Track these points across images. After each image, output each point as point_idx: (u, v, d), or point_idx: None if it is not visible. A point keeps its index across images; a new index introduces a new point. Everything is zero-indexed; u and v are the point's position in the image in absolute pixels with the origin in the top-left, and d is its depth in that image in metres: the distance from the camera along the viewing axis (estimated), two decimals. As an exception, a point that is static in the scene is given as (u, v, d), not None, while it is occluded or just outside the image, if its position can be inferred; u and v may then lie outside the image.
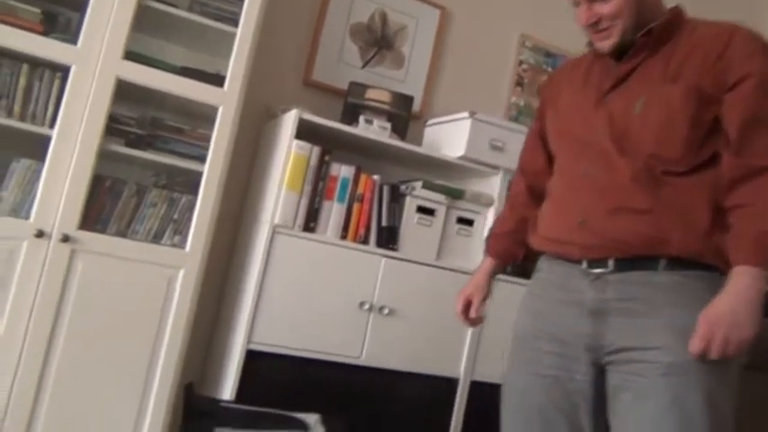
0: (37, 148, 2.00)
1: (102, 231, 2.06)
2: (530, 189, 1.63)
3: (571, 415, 1.37)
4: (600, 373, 1.35)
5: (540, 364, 1.42)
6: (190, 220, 2.13)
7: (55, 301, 1.96)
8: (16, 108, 1.98)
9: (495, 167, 2.52)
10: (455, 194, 2.49)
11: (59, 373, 1.97)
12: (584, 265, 1.36)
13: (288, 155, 2.23)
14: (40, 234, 1.94)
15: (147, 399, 2.05)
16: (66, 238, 1.96)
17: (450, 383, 2.46)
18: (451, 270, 2.46)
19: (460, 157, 2.47)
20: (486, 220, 2.54)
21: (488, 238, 1.71)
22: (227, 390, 2.14)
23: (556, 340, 1.40)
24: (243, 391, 2.12)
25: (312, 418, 1.82)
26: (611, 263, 1.32)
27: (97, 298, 2.01)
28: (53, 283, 1.96)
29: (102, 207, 2.08)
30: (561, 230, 1.40)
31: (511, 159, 2.51)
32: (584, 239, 1.35)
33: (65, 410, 1.97)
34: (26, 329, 1.93)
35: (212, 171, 2.13)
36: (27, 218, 1.95)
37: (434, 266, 2.44)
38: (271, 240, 2.19)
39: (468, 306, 1.65)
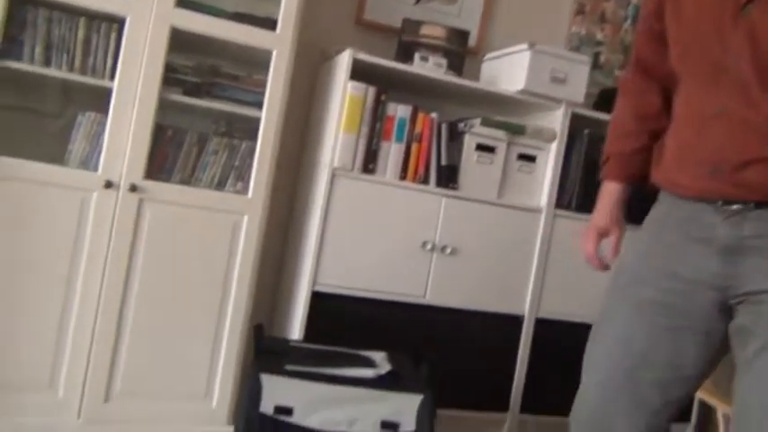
0: (100, 100, 2.04)
1: (167, 180, 2.10)
2: (663, 94, 1.31)
3: (676, 359, 1.21)
4: (723, 315, 1.20)
5: (653, 306, 1.22)
6: (250, 166, 2.15)
7: (127, 248, 2.03)
8: (77, 62, 2.01)
9: (557, 101, 2.43)
10: (515, 130, 2.42)
11: (137, 317, 2.05)
12: (720, 203, 1.16)
13: (343, 96, 2.20)
14: (108, 185, 1.99)
15: (219, 338, 2.12)
16: (133, 188, 2.01)
17: (515, 321, 2.45)
18: (513, 208, 2.42)
19: (520, 92, 2.39)
20: (549, 156, 2.47)
21: (610, 159, 1.39)
22: (296, 330, 2.19)
23: (676, 278, 1.22)
24: (310, 332, 2.17)
25: (379, 356, 1.85)
26: (750, 204, 1.13)
27: (166, 245, 2.06)
28: (124, 232, 2.02)
29: (166, 156, 2.11)
30: (687, 177, 1.20)
31: (573, 91, 2.41)
32: (716, 188, 1.15)
33: (144, 351, 2.06)
34: (102, 276, 2.01)
35: (269, 116, 2.13)
36: (95, 170, 2.00)
37: (496, 204, 2.40)
38: (331, 183, 2.19)
39: (595, 245, 1.36)
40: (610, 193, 1.39)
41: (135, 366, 2.06)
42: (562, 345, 2.51)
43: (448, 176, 2.34)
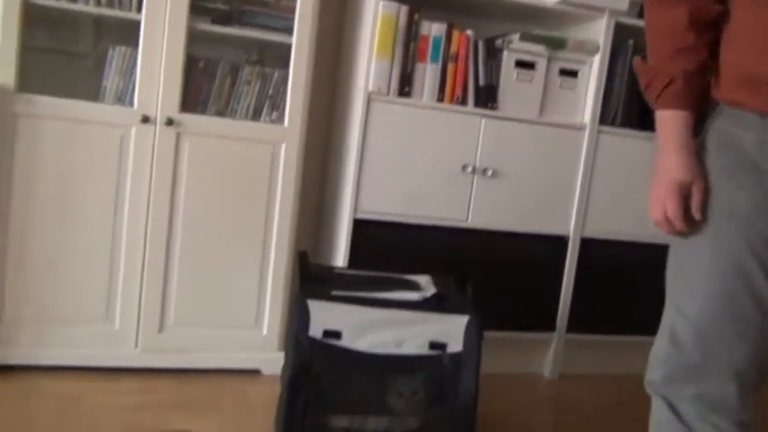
0: (129, 34, 2.01)
1: (203, 112, 2.08)
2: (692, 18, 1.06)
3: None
4: None
5: (753, 247, 1.02)
6: (285, 94, 2.11)
7: (169, 182, 2.04)
8: (104, -5, 1.97)
9: (599, 9, 2.31)
10: (556, 44, 2.32)
11: (183, 249, 2.08)
12: None
13: (375, 17, 2.12)
14: (145, 120, 1.98)
15: (265, 267, 2.15)
16: (170, 122, 2.00)
17: (560, 242, 2.42)
18: (555, 126, 2.34)
19: (559, 2, 2.27)
20: (592, 70, 2.36)
21: (676, 80, 1.07)
22: (340, 258, 2.20)
23: None
24: (354, 259, 2.18)
25: (423, 279, 1.84)
26: None
27: (206, 177, 2.07)
28: (164, 166, 2.03)
29: (200, 88, 2.09)
30: None
31: (617, -2, 2.29)
32: None
33: (193, 282, 2.10)
34: (147, 211, 2.04)
35: (300, 42, 2.07)
36: (131, 105, 2.00)
37: (537, 123, 2.32)
38: (367, 108, 2.15)
39: (680, 204, 1.06)
40: (683, 128, 1.06)
41: (185, 297, 2.10)
42: (608, 264, 2.48)
43: (486, 96, 2.27)
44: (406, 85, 2.18)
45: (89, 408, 1.85)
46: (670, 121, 1.07)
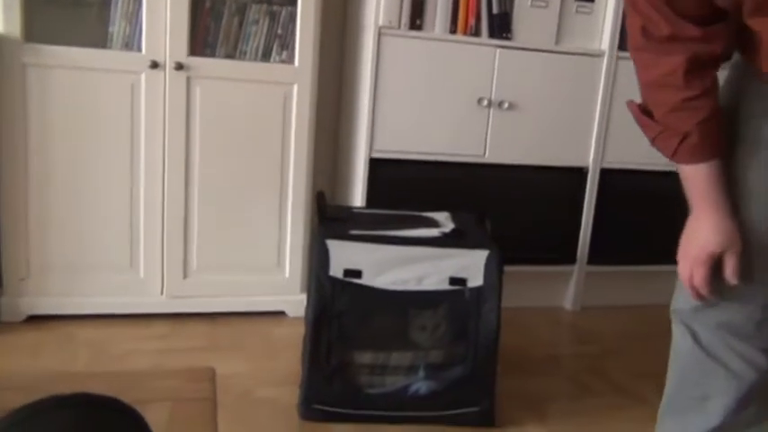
0: (133, -23, 1.96)
1: (212, 55, 2.04)
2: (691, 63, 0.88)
3: None
4: None
5: None
6: (294, 33, 2.06)
7: (182, 127, 2.02)
8: (104, -62, 1.91)
9: (618, -72, 2.20)
10: (572, -33, 2.22)
11: (201, 195, 2.08)
12: None
13: (384, -53, 2.04)
14: (154, 65, 1.95)
15: (284, 210, 2.15)
16: (179, 66, 1.96)
17: (579, 173, 2.38)
18: (572, 54, 2.27)
19: None
20: (610, -7, 2.27)
21: (696, 131, 0.90)
22: (357, 198, 2.19)
23: None
24: (371, 199, 2.16)
25: (442, 216, 1.83)
26: None
27: (220, 121, 2.04)
28: (177, 111, 2.00)
29: (207, 30, 2.04)
30: None
31: None
32: None
33: (213, 228, 2.11)
34: (163, 158, 2.03)
35: (308, -23, 2.01)
36: (139, 50, 1.96)
37: (553, 52, 2.25)
38: (378, 44, 2.09)
39: (709, 274, 0.93)
40: (711, 183, 0.91)
41: (207, 243, 2.11)
42: (628, 194, 2.44)
43: (500, 25, 2.19)
44: (417, 18, 2.11)
45: (121, 353, 1.89)
46: (695, 176, 0.92)
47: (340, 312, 1.59)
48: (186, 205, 2.08)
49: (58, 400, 0.46)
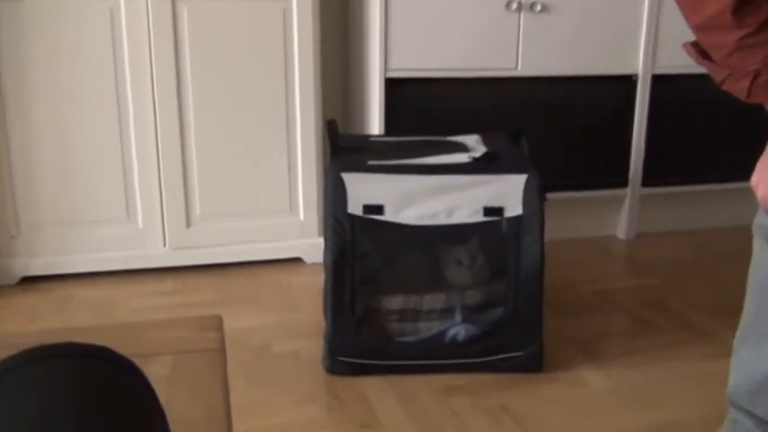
0: None
1: (198, -28, 1.98)
2: None
3: None
4: None
5: None
6: (290, -61, 1.99)
7: (171, 53, 1.98)
8: None
9: None
10: None
11: (199, 133, 2.06)
12: None
13: None
14: (134, -13, 1.90)
15: (293, 144, 2.13)
16: (162, -13, 1.92)
17: (627, 82, 2.32)
18: (616, -59, 2.17)
19: None
20: None
21: (757, 77, 0.89)
22: (374, 125, 2.15)
23: None
24: (390, 125, 2.13)
25: (471, 139, 1.79)
26: None
27: (212, 46, 2.00)
28: (163, 38, 1.96)
29: (191, -57, 1.98)
30: None
31: None
32: None
33: (215, 170, 2.10)
34: (153, 94, 2.00)
35: None
36: (115, -29, 1.91)
37: (594, -59, 2.15)
38: (388, -55, 2.01)
39: None
40: None
41: (209, 187, 2.11)
42: (685, 103, 2.38)
43: None
44: None
45: (126, 312, 1.91)
46: None
47: (362, 254, 1.58)
48: (183, 146, 2.06)
49: (36, 352, 0.45)
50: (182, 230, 2.12)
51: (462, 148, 1.72)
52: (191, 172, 2.08)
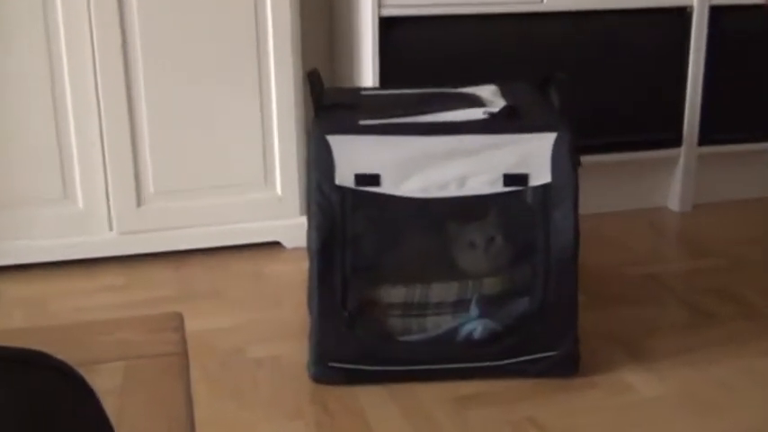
0: None
1: None
2: None
3: None
4: None
5: None
6: None
7: (114, 15, 1.98)
8: None
9: None
10: None
11: (150, 86, 2.07)
12: None
13: None
14: None
15: (266, 103, 2.13)
16: None
17: (680, 15, 2.33)
18: None
19: None
20: None
21: None
22: (366, 76, 2.16)
23: None
24: (386, 75, 2.14)
25: (487, 90, 1.78)
26: None
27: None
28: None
29: None
30: None
31: None
32: None
33: (170, 135, 2.11)
34: (92, 41, 2.01)
35: None
36: None
37: None
38: None
39: None
40: None
41: (164, 157, 2.12)
42: (752, 40, 2.39)
43: None
44: None
45: (66, 312, 1.93)
46: None
47: (355, 236, 1.59)
48: (130, 105, 2.06)
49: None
50: (131, 211, 2.13)
51: (476, 101, 1.72)
52: (140, 138, 2.09)
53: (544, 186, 1.59)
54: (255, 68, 2.10)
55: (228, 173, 2.16)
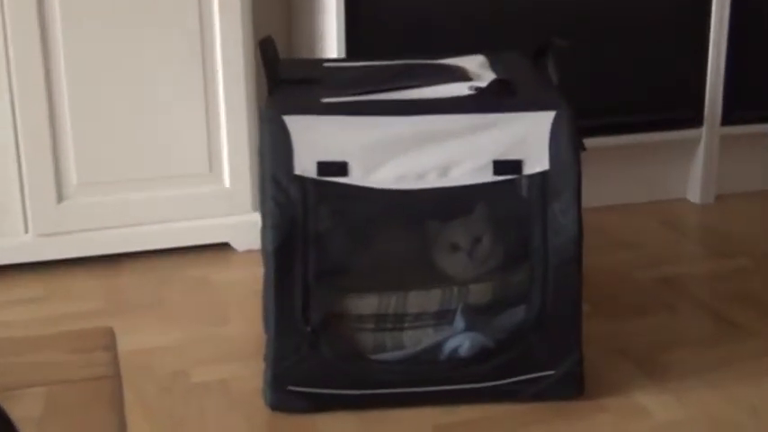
0: None
1: None
2: None
3: None
4: None
5: None
6: None
7: None
8: None
9: None
10: None
11: (71, 62, 2.06)
12: None
13: None
14: None
15: (210, 71, 2.13)
16: None
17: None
18: None
19: None
20: None
21: None
22: (330, 45, 2.17)
23: None
24: (354, 44, 2.15)
25: (474, 62, 1.79)
26: None
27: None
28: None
29: None
30: None
31: None
32: None
33: (95, 113, 2.11)
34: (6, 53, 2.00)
35: None
36: None
37: None
38: None
39: None
40: None
41: (89, 144, 2.11)
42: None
43: None
44: None
45: (-31, 331, 1.92)
46: None
47: (318, 235, 1.59)
48: (48, 86, 2.06)
49: None
50: (51, 208, 2.13)
51: (461, 74, 1.73)
52: (60, 121, 2.09)
53: (541, 175, 1.60)
54: (197, 36, 2.11)
55: (166, 161, 2.16)
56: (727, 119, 2.46)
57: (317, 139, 1.57)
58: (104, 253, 2.18)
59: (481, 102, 1.61)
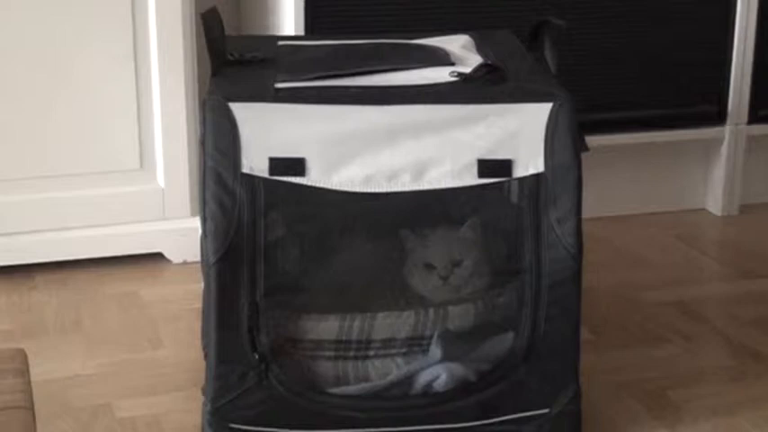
0: None
1: None
2: None
3: None
4: None
5: None
6: None
7: None
8: None
9: None
10: None
11: None
12: None
13: None
14: None
15: (142, 43, 2.14)
16: None
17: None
18: None
19: None
20: None
21: None
22: (286, 19, 2.17)
23: None
24: (315, 18, 2.15)
25: (456, 43, 1.80)
26: None
27: None
28: None
29: None
30: None
31: None
32: None
33: (8, 97, 2.09)
34: None
35: None
36: None
37: None
38: None
39: None
40: None
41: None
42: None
43: None
44: None
45: None
46: None
47: (269, 245, 1.59)
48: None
49: None
50: (-51, 208, 2.12)
51: (441, 57, 1.74)
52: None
53: (534, 178, 1.61)
54: (128, 7, 2.11)
55: (89, 155, 2.16)
56: (755, 116, 2.49)
57: (268, 132, 1.57)
58: (13, 263, 2.17)
59: (465, 90, 1.62)
